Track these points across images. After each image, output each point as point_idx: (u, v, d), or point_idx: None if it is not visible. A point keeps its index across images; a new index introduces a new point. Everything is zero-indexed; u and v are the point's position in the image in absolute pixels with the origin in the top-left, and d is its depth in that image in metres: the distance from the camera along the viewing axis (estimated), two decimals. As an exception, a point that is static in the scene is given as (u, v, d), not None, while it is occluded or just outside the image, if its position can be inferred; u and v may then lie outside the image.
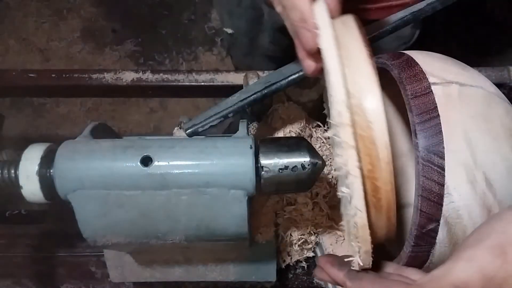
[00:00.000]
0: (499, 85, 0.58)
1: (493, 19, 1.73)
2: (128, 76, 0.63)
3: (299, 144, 0.41)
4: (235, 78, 0.62)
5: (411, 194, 0.46)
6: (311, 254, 0.57)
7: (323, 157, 0.55)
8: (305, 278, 0.58)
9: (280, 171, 0.40)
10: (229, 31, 0.84)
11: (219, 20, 1.09)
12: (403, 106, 0.38)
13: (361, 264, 0.35)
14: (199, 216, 0.40)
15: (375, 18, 0.51)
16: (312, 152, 0.41)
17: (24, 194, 0.41)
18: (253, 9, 0.77)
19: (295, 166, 0.40)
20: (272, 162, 0.40)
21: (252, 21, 0.80)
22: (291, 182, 0.41)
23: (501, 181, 0.35)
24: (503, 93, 0.41)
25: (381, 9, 0.54)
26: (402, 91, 0.38)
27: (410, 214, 0.37)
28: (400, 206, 0.51)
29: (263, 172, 0.40)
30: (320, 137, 0.59)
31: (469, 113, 0.36)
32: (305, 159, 0.40)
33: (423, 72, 0.38)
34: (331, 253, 0.54)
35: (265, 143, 0.42)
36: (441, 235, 0.35)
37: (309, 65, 0.37)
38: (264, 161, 0.40)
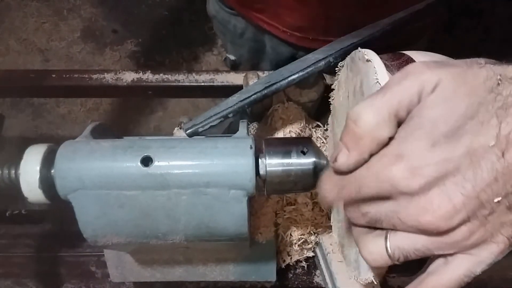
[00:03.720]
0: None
1: (492, 19, 1.73)
2: (128, 76, 0.63)
3: (300, 144, 0.41)
4: (235, 78, 0.62)
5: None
6: (311, 254, 0.57)
7: (323, 157, 0.55)
8: (305, 278, 0.58)
9: (281, 171, 0.40)
10: (232, 57, 0.86)
11: (223, 46, 1.10)
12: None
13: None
14: (199, 216, 0.40)
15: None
16: (314, 152, 0.41)
17: (24, 194, 0.41)
18: (255, 41, 0.78)
19: (296, 166, 0.40)
20: (273, 162, 0.40)
21: (254, 51, 0.82)
22: (292, 182, 0.41)
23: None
24: (503, 93, 0.41)
25: None
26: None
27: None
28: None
29: (263, 172, 0.40)
30: (320, 137, 0.59)
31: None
32: (306, 159, 0.40)
33: (423, 72, 0.38)
34: (331, 253, 0.54)
35: (266, 143, 0.42)
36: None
37: None
38: (264, 161, 0.40)
